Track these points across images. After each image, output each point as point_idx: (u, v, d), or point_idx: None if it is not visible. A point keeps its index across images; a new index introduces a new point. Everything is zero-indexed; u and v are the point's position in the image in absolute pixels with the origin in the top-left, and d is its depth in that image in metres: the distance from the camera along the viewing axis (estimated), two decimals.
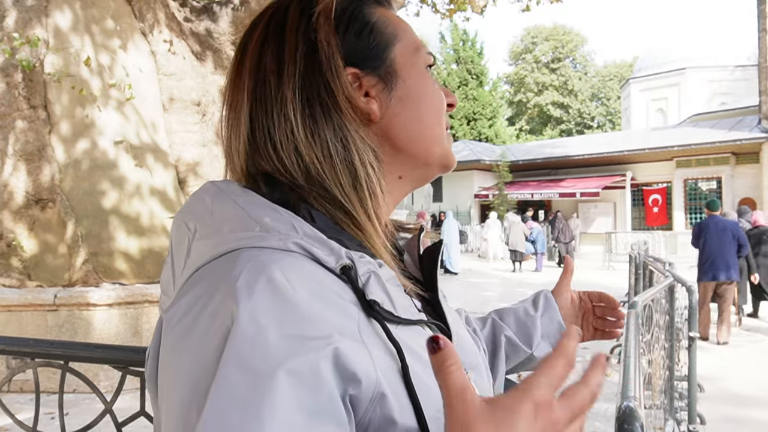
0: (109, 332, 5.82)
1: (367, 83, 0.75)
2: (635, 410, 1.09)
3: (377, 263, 0.68)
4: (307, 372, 0.52)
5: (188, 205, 0.72)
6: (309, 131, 0.71)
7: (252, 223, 0.64)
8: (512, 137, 49.61)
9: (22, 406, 4.97)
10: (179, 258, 0.68)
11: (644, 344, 3.50)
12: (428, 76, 0.80)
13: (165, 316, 0.62)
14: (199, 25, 7.81)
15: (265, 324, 0.53)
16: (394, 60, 0.77)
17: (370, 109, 0.75)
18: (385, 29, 0.78)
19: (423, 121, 0.78)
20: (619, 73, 56.25)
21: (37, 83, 6.37)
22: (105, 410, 1.52)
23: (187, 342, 0.57)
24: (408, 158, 0.79)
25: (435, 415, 0.61)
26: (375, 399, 0.57)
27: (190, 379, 0.54)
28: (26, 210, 6.31)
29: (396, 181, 0.80)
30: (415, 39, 0.81)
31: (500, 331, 1.13)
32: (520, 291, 13.65)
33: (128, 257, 6.42)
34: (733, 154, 23.21)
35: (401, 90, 0.77)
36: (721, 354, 7.71)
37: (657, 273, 5.74)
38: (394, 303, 0.66)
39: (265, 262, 0.58)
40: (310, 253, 0.62)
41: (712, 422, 5.15)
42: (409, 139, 0.77)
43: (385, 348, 0.60)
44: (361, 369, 0.55)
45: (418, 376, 0.62)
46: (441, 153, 0.81)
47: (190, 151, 7.25)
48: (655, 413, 4.07)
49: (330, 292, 0.60)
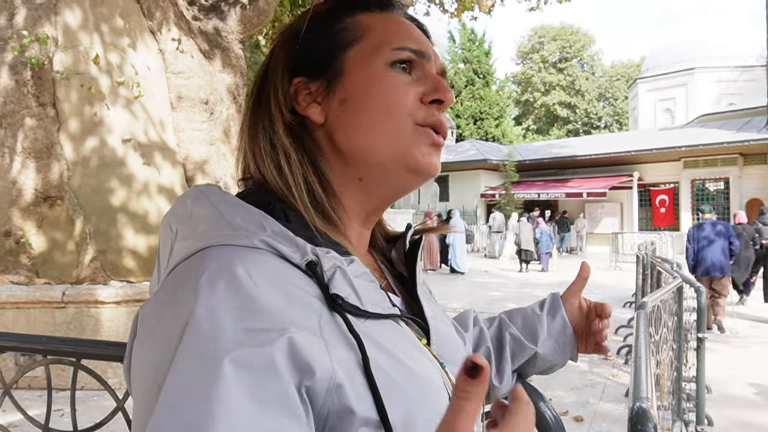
0: (117, 329, 5.85)
1: (314, 88, 0.78)
2: (648, 411, 1.09)
3: (349, 260, 0.70)
4: (259, 363, 0.53)
5: (172, 208, 0.76)
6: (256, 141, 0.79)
7: (223, 223, 0.66)
8: (519, 137, 49.56)
9: (31, 402, 5.00)
10: (164, 259, 0.71)
11: (653, 345, 3.49)
12: (387, 73, 0.77)
13: (139, 312, 0.64)
14: (207, 23, 7.82)
15: (221, 317, 0.55)
16: (344, 62, 0.78)
17: (308, 113, 0.78)
18: (347, 34, 0.79)
19: (363, 123, 0.76)
20: (626, 73, 56.14)
21: (46, 81, 6.39)
22: (117, 408, 1.53)
23: (152, 336, 0.59)
24: (354, 159, 0.78)
25: (396, 406, 0.62)
26: (331, 390, 0.57)
27: (152, 373, 0.56)
28: (35, 207, 6.33)
29: (357, 183, 0.79)
30: (383, 37, 0.79)
31: (506, 329, 1.16)
32: (527, 291, 13.63)
33: (136, 255, 6.44)
34: (740, 155, 23.12)
35: (342, 92, 0.77)
36: (729, 355, 7.69)
37: (665, 274, 5.73)
38: (360, 297, 0.67)
39: (229, 258, 0.60)
40: (276, 249, 0.64)
41: (719, 424, 5.13)
42: (348, 140, 0.77)
43: (346, 340, 0.62)
44: (315, 360, 0.56)
45: (383, 368, 0.63)
46: (395, 154, 0.77)
47: (197, 149, 7.26)
48: (663, 414, 4.06)
49: (293, 286, 0.61)
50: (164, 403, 0.51)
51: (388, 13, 0.83)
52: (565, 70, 54.78)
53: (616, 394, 5.84)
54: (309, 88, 0.78)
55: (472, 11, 10.71)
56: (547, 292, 10.45)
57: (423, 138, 0.78)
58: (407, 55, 0.79)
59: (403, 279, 0.91)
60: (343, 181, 0.79)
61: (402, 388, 0.64)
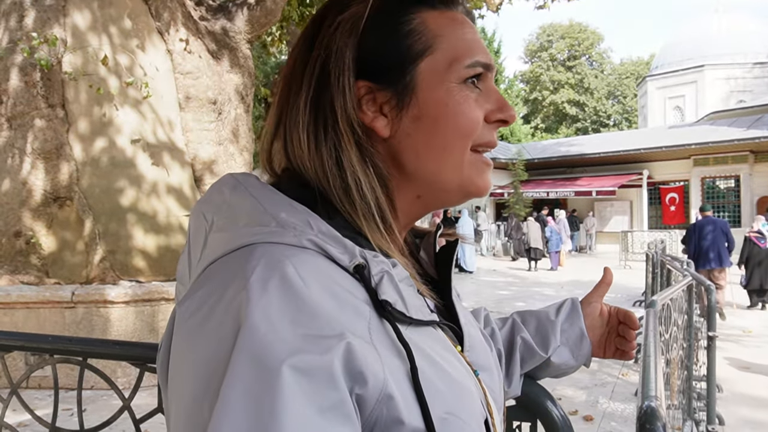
0: (126, 329, 5.87)
1: (381, 98, 0.73)
2: (657, 410, 1.08)
3: (391, 263, 0.68)
4: (319, 369, 0.52)
5: (207, 196, 0.72)
6: (313, 145, 0.71)
7: (268, 218, 0.64)
8: (528, 135, 49.34)
9: (40, 402, 5.04)
10: (196, 248, 0.68)
11: (662, 344, 3.47)
12: (462, 93, 0.73)
13: (179, 309, 0.62)
14: (215, 23, 7.84)
15: (278, 321, 0.53)
16: (417, 76, 0.72)
17: (375, 126, 0.73)
18: (417, 40, 0.73)
19: (437, 146, 0.73)
20: (635, 71, 55.85)
21: (55, 82, 6.43)
22: (123, 407, 1.53)
23: (200, 336, 0.57)
24: (421, 182, 0.75)
25: (442, 416, 0.61)
26: (382, 400, 0.56)
27: (203, 374, 0.54)
28: (44, 208, 6.36)
29: (414, 200, 0.77)
30: (455, 51, 0.73)
31: (518, 332, 1.12)
32: (536, 290, 13.60)
33: (145, 255, 6.46)
34: (751, 153, 22.96)
35: (415, 110, 0.72)
36: (740, 354, 7.64)
37: (675, 272, 5.70)
38: (406, 303, 0.66)
39: (279, 258, 0.58)
40: (324, 250, 0.62)
41: (731, 423, 5.10)
42: (417, 162, 0.73)
43: (395, 348, 0.60)
44: (369, 369, 0.55)
45: (427, 377, 0.62)
46: (459, 182, 0.75)
47: (206, 149, 7.28)
48: (673, 413, 4.04)
49: (342, 290, 0.60)
50: (224, 408, 0.50)
51: (452, 11, 0.77)
52: (573, 68, 54.58)
53: (626, 394, 5.81)
54: (375, 96, 0.73)
55: (480, 9, 10.68)
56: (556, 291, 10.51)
57: (480, 164, 0.77)
58: (479, 71, 0.75)
59: (431, 279, 0.87)
60: (402, 196, 0.76)
61: (444, 396, 0.63)
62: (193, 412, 0.54)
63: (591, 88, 54.42)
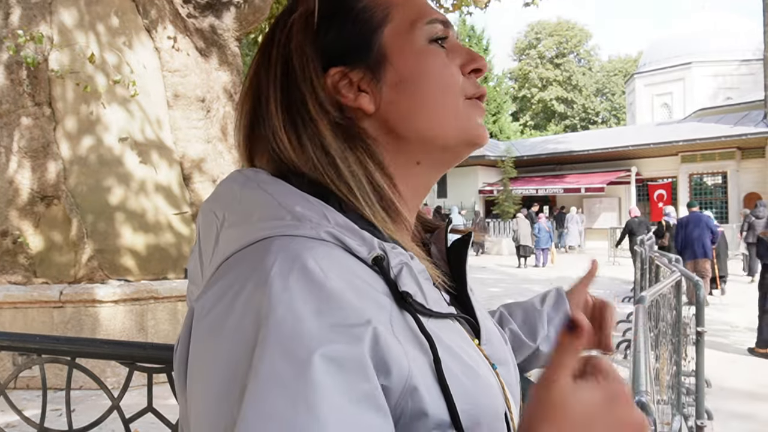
0: (115, 329, 5.84)
1: (356, 77, 0.73)
2: (647, 405, 1.08)
3: (409, 255, 0.68)
4: (349, 358, 0.52)
5: (216, 193, 0.72)
6: (294, 139, 0.71)
7: (282, 212, 0.63)
8: (516, 133, 49.45)
9: (29, 402, 5.00)
10: (207, 247, 0.67)
11: (652, 339, 3.49)
12: (431, 51, 0.74)
13: (195, 306, 0.60)
14: (203, 21, 7.80)
15: (303, 312, 0.53)
16: (383, 45, 0.73)
17: (359, 104, 0.73)
18: (372, 14, 0.74)
19: (425, 104, 0.73)
20: (623, 68, 56.12)
21: (41, 80, 6.38)
22: (112, 406, 1.52)
23: (221, 331, 0.56)
24: (417, 144, 0.74)
25: (466, 408, 0.60)
26: (406, 392, 0.56)
27: (227, 371, 0.54)
28: (31, 207, 6.32)
29: (414, 167, 0.76)
30: (412, 13, 0.75)
31: (505, 324, 1.10)
32: (525, 287, 13.65)
33: (134, 253, 6.43)
34: (738, 149, 23.13)
35: (392, 76, 0.73)
36: (728, 349, 7.70)
37: (663, 268, 5.73)
38: (425, 295, 0.65)
39: (297, 250, 0.57)
40: (342, 242, 0.61)
41: (719, 417, 5.14)
42: (410, 125, 0.73)
43: (417, 340, 0.60)
44: (393, 360, 0.55)
45: (450, 368, 0.61)
46: (458, 132, 0.75)
47: (194, 147, 7.25)
48: (662, 408, 4.06)
49: (362, 282, 0.59)
50: (255, 403, 0.50)
51: None
52: (562, 65, 54.70)
53: None
54: (350, 78, 0.73)
55: (468, 7, 10.68)
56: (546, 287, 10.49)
57: (476, 110, 0.77)
58: (440, 28, 0.75)
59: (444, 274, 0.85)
60: (399, 169, 0.75)
61: (468, 389, 0.62)
62: (218, 411, 0.53)
63: (579, 85, 54.60)
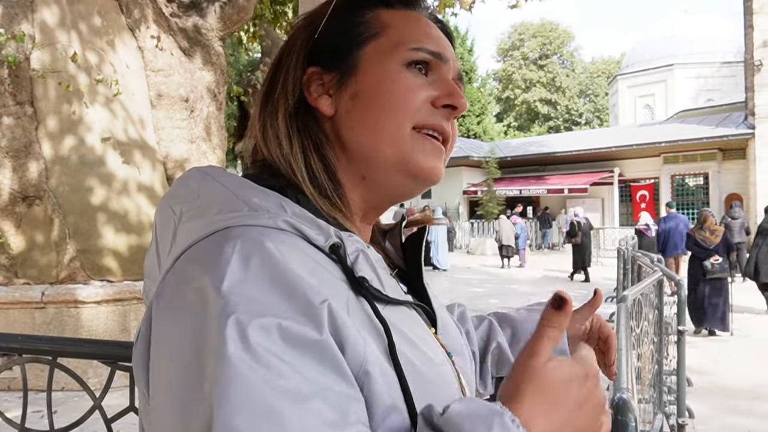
0: (98, 329, 5.79)
1: (327, 80, 0.78)
2: (629, 401, 1.09)
3: (365, 244, 0.69)
4: (311, 336, 0.53)
5: (173, 189, 0.73)
6: (266, 126, 0.78)
7: (240, 203, 0.64)
8: (500, 134, 49.66)
9: (10, 404, 4.95)
10: (164, 242, 0.67)
11: (634, 338, 3.52)
12: (400, 73, 0.75)
13: (154, 298, 0.61)
14: (186, 20, 7.76)
15: (265, 294, 0.54)
16: (360, 57, 0.76)
17: (317, 104, 0.77)
18: (366, 28, 0.78)
19: (367, 120, 0.75)
20: (606, 70, 56.50)
21: (23, 79, 6.31)
22: (94, 406, 1.51)
23: (180, 319, 0.56)
24: (360, 158, 0.76)
25: (419, 393, 0.61)
26: (360, 375, 0.57)
27: (193, 357, 0.54)
28: (13, 207, 6.25)
29: (361, 181, 0.78)
30: (402, 37, 0.77)
31: (494, 337, 1.10)
32: (508, 287, 13.69)
33: (116, 254, 6.38)
34: (719, 150, 23.33)
35: (354, 87, 0.76)
36: (709, 348, 7.77)
37: (645, 267, 5.77)
38: (382, 282, 0.67)
39: (256, 238, 0.58)
40: (299, 231, 0.63)
41: (700, 416, 5.19)
42: (353, 137, 0.76)
43: (372, 326, 0.61)
44: (349, 342, 0.56)
45: (405, 354, 0.62)
46: (395, 156, 0.75)
47: (178, 147, 7.21)
48: (644, 407, 4.09)
49: (320, 267, 0.60)
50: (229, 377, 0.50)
51: (411, 11, 0.81)
52: (545, 66, 54.99)
53: None
54: (323, 79, 0.78)
55: (452, 8, 10.70)
56: (529, 288, 10.53)
57: (422, 143, 0.76)
58: (423, 56, 0.77)
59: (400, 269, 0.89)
60: (348, 176, 0.77)
61: (423, 375, 0.64)
62: (185, 398, 0.53)
63: (563, 86, 54.90)
